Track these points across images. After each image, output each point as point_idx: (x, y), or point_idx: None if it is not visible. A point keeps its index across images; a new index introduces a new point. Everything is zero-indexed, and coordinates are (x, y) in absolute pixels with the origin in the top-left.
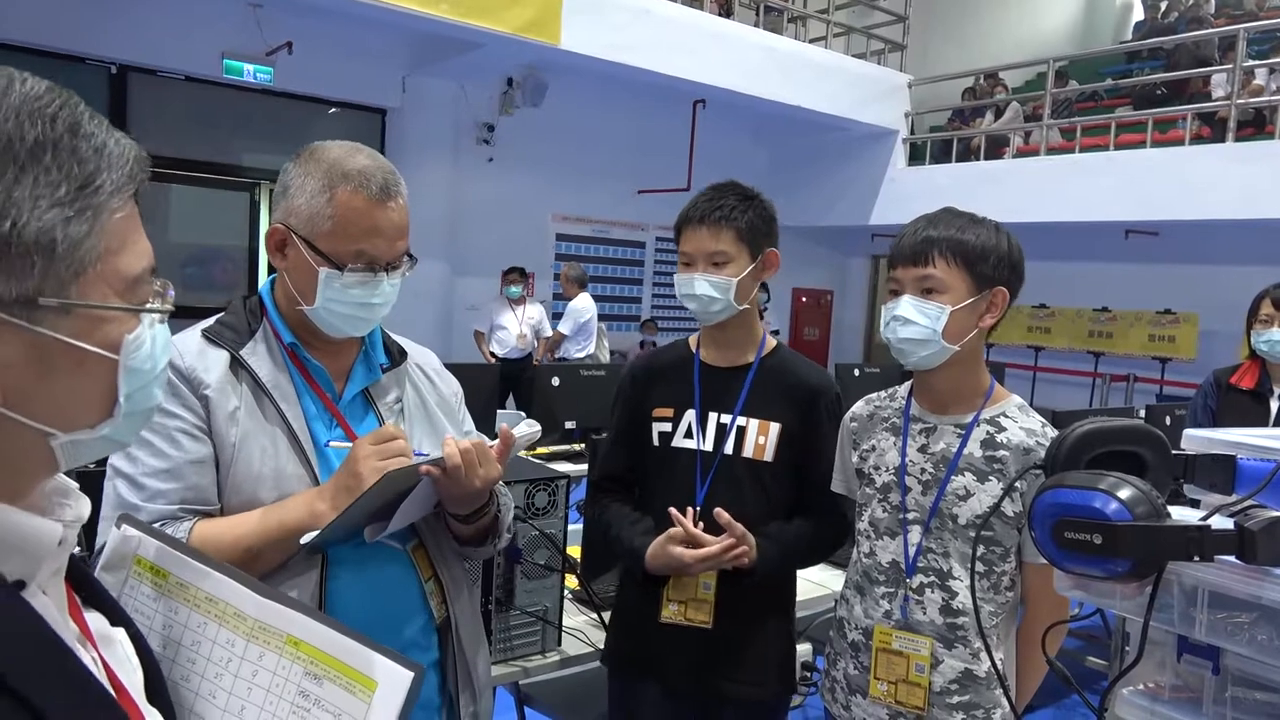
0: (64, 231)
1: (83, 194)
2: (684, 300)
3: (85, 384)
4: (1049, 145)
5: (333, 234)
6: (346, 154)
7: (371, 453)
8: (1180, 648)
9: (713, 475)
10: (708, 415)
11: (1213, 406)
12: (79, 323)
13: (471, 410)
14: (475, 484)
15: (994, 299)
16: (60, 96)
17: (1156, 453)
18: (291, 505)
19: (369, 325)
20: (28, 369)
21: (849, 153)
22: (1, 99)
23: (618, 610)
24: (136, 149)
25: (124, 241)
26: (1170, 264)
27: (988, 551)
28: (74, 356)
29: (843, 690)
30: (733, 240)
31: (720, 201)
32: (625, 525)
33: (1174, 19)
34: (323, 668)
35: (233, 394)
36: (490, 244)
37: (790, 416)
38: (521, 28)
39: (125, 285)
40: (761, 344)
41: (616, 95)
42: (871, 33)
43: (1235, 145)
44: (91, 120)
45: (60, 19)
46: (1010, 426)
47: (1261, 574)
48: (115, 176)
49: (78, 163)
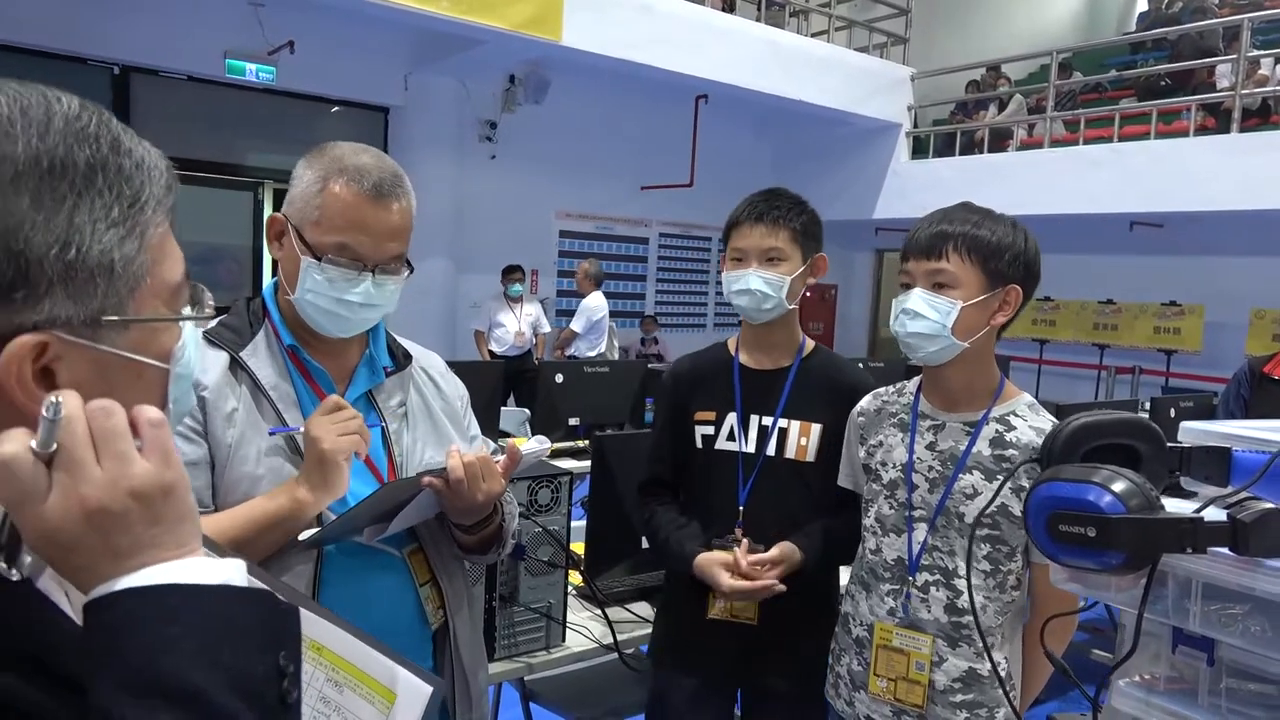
0: (120, 252)
1: (132, 212)
2: (734, 297)
3: (142, 393)
4: (1053, 138)
5: (318, 224)
6: (351, 151)
7: (328, 427)
8: (1175, 639)
9: (755, 477)
10: (749, 418)
11: (1245, 396)
12: (135, 337)
13: (475, 408)
14: (477, 498)
15: (1007, 297)
16: (94, 113)
17: (1152, 446)
18: (273, 495)
19: (353, 326)
20: (95, 387)
21: (852, 147)
22: (47, 125)
23: (664, 605)
24: (165, 158)
25: (164, 252)
26: (1175, 256)
27: (994, 550)
28: (134, 370)
29: (846, 686)
30: (789, 240)
31: (776, 202)
32: (673, 530)
33: (1178, 9)
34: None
35: (231, 395)
36: (494, 241)
37: (831, 417)
38: (523, 24)
39: (170, 294)
40: (801, 346)
41: (619, 91)
42: (874, 26)
43: (1240, 136)
44: (126, 133)
45: (63, 20)
46: (1020, 425)
47: (1254, 565)
48: (156, 191)
49: (124, 182)
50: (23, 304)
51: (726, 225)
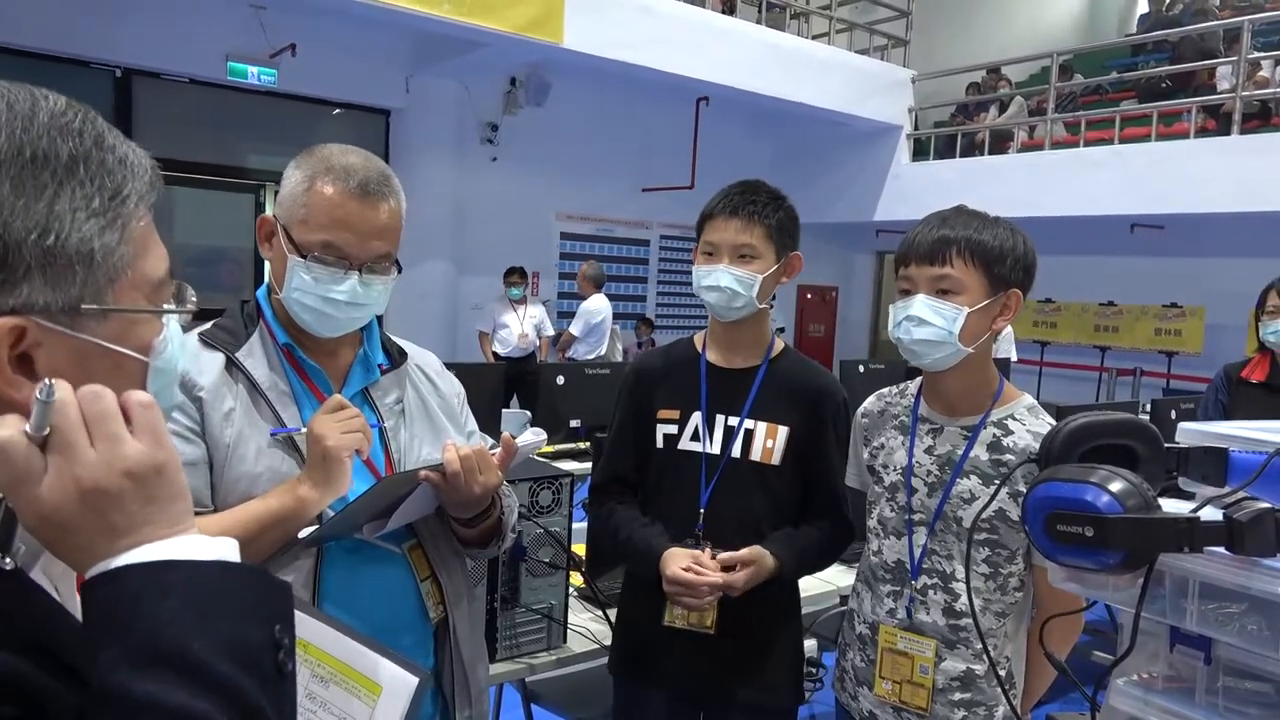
0: (100, 241)
1: (113, 204)
2: (703, 293)
3: (121, 385)
4: (1053, 139)
5: (304, 222)
6: (339, 152)
7: (331, 424)
8: (1173, 638)
9: (718, 479)
10: (715, 417)
11: (1224, 401)
12: (115, 327)
13: (477, 409)
14: (474, 490)
15: (1008, 301)
16: (80, 110)
17: (1149, 446)
18: (276, 494)
19: (340, 325)
20: (73, 376)
21: (853, 148)
22: (32, 118)
23: (621, 616)
24: (150, 158)
25: (147, 247)
26: (1176, 258)
27: (993, 554)
28: (111, 360)
29: (851, 681)
30: (762, 237)
31: (752, 197)
32: (637, 527)
33: (1179, 11)
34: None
35: (228, 395)
36: (494, 243)
37: (799, 419)
38: (524, 27)
39: (151, 289)
40: (770, 346)
41: (619, 93)
42: (874, 28)
43: (1241, 138)
44: (110, 132)
45: (65, 24)
46: (1018, 429)
47: (1250, 565)
48: (139, 186)
49: (107, 175)
50: (1, 288)
51: (700, 216)
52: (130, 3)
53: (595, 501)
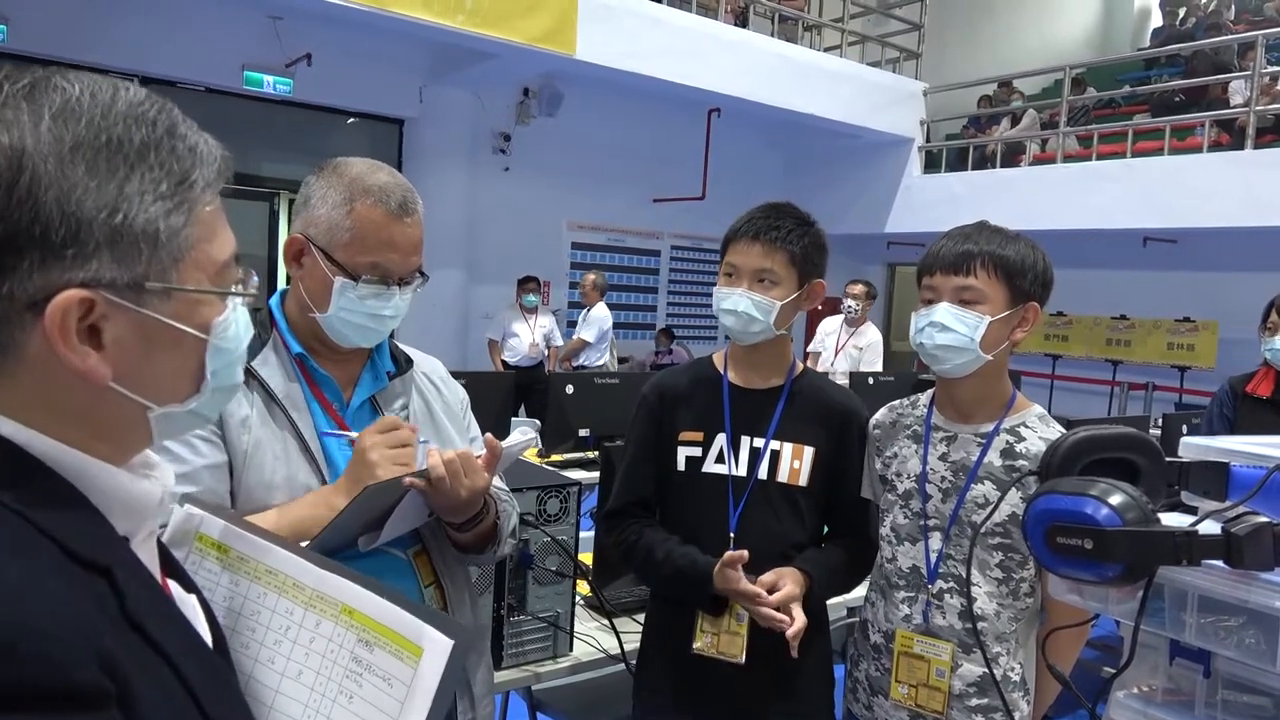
0: (166, 223)
1: (180, 189)
2: (721, 315)
3: (180, 361)
4: (1065, 153)
5: (350, 245)
6: (369, 170)
7: (379, 441)
8: (1172, 651)
9: (745, 501)
10: (739, 439)
11: (1229, 416)
12: (177, 305)
13: (486, 418)
14: (461, 494)
15: (1026, 314)
16: (157, 103)
17: (1150, 460)
18: (306, 502)
19: (378, 337)
20: (134, 348)
21: (864, 160)
22: (110, 107)
23: (646, 645)
24: (221, 149)
25: (213, 231)
26: (1189, 271)
27: (1006, 558)
28: (172, 336)
29: (864, 691)
30: (785, 263)
31: (778, 221)
32: (674, 545)
33: (1192, 25)
34: (374, 635)
35: (245, 403)
36: (506, 252)
37: (824, 440)
38: (537, 38)
39: (215, 271)
40: (791, 367)
41: (631, 104)
42: (886, 41)
43: (1254, 152)
44: (184, 123)
45: (81, 32)
46: (1030, 436)
47: (1248, 578)
48: (206, 173)
49: (176, 161)
50: (72, 262)
51: (725, 236)
52: (148, 13)
53: (614, 526)
